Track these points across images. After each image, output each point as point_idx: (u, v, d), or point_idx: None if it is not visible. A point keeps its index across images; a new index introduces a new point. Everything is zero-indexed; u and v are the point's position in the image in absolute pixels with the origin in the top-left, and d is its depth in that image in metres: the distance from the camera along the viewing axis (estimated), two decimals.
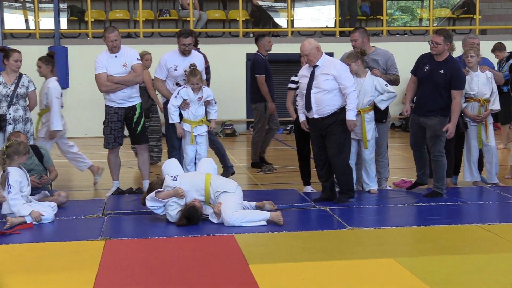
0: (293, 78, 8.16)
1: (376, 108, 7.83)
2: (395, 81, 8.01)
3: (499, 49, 11.10)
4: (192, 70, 7.70)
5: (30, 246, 5.84)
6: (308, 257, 5.41)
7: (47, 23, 16.04)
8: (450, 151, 8.18)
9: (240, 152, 12.74)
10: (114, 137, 8.01)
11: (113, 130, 7.99)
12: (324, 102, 7.22)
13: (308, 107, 7.31)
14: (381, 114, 7.86)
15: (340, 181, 7.40)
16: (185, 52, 8.05)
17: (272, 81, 10.04)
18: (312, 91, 7.25)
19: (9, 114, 7.97)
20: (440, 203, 7.32)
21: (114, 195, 8.00)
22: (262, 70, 9.69)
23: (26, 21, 16.88)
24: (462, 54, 8.55)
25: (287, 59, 15.23)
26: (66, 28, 16.33)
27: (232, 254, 5.50)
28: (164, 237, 6.06)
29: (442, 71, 7.41)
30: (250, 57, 15.63)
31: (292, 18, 17.01)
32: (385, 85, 7.75)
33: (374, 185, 7.93)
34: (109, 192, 8.08)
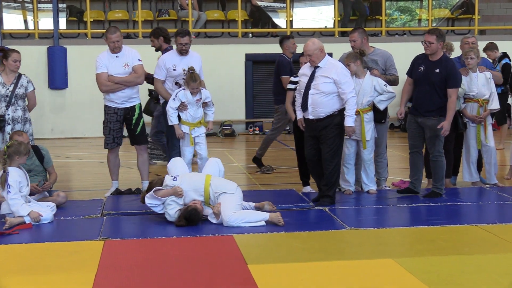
0: (292, 78, 8.17)
1: (375, 108, 7.84)
2: (394, 82, 8.02)
3: (490, 48, 11.08)
4: (192, 75, 7.67)
5: (29, 246, 5.84)
6: (307, 257, 5.41)
7: (46, 23, 16.03)
8: (449, 151, 8.18)
9: (239, 153, 12.74)
10: (113, 137, 8.01)
11: (112, 131, 7.99)
12: (321, 105, 7.20)
13: (305, 107, 7.31)
14: (380, 115, 7.86)
15: (328, 185, 7.31)
16: (183, 51, 8.07)
17: None
18: (310, 92, 7.24)
19: (8, 114, 7.96)
20: (439, 204, 7.32)
21: (113, 195, 7.99)
22: (287, 71, 9.55)
23: (25, 21, 16.86)
24: (460, 54, 8.56)
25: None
26: (65, 28, 16.31)
27: (231, 254, 5.50)
28: (163, 237, 6.06)
29: (438, 70, 7.40)
30: (249, 57, 15.75)
31: (291, 19, 16.99)
32: (384, 85, 7.76)
33: (373, 186, 7.93)
34: (108, 193, 8.07)
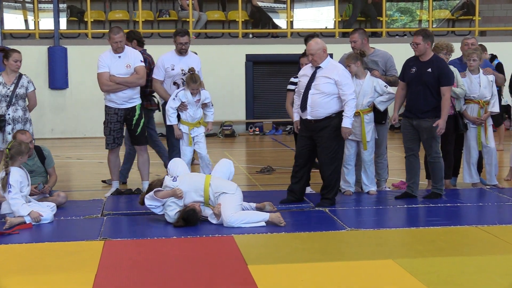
0: (292, 79, 8.16)
1: (375, 109, 7.84)
2: (394, 82, 8.01)
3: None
4: (192, 76, 7.68)
5: (29, 246, 5.84)
6: (307, 258, 5.40)
7: (46, 23, 16.04)
8: (449, 152, 8.18)
9: (239, 153, 12.74)
10: (113, 137, 8.01)
11: (112, 131, 7.99)
12: (320, 105, 7.18)
13: (303, 107, 7.27)
14: (380, 116, 7.86)
15: (328, 188, 7.29)
16: (182, 51, 8.08)
17: None
18: (310, 92, 7.22)
19: (8, 114, 7.96)
20: (439, 205, 7.32)
21: (113, 195, 7.99)
22: None
23: (26, 21, 16.88)
24: (461, 55, 8.56)
25: (286, 60, 15.26)
26: (65, 28, 16.33)
27: (231, 254, 5.50)
28: (163, 237, 6.06)
29: (430, 70, 7.37)
30: (250, 57, 15.75)
31: (292, 19, 17.01)
32: (385, 86, 7.76)
33: (373, 187, 7.93)
34: (108, 193, 8.07)
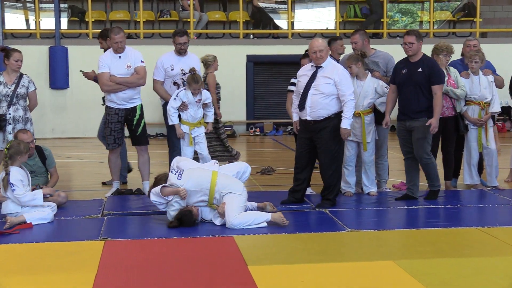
0: (293, 80, 8.15)
1: (376, 110, 7.84)
2: None
3: None
4: (193, 76, 7.68)
5: (30, 246, 5.84)
6: (307, 259, 5.40)
7: (47, 23, 16.06)
8: (450, 153, 8.19)
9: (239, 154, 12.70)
10: (114, 138, 8.01)
11: (113, 131, 7.99)
12: (320, 105, 7.16)
13: (302, 107, 7.24)
14: (381, 117, 7.86)
15: (329, 189, 7.29)
16: (181, 51, 8.09)
17: None
18: (309, 92, 7.20)
19: (9, 114, 7.96)
20: (440, 206, 7.32)
21: (113, 195, 7.99)
22: None
23: (27, 21, 16.89)
24: (463, 57, 8.56)
25: (287, 60, 15.26)
26: (66, 28, 16.35)
27: (232, 255, 5.50)
28: (163, 238, 6.06)
29: (420, 69, 7.36)
30: (250, 58, 15.76)
31: (293, 20, 17.02)
32: (386, 87, 7.76)
33: (373, 188, 7.93)
34: (108, 193, 8.07)
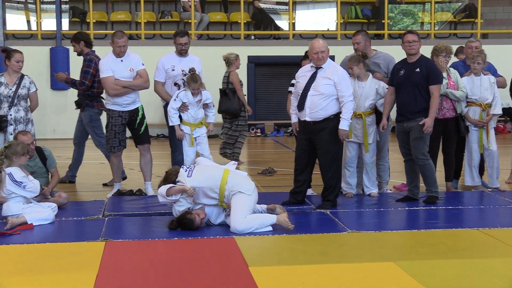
0: (293, 81, 8.15)
1: (377, 111, 7.83)
2: None
3: (462, 52, 10.99)
4: (193, 76, 7.69)
5: (31, 246, 5.84)
6: (308, 260, 5.40)
7: (49, 24, 16.05)
8: (451, 154, 8.18)
9: (240, 154, 12.69)
10: (119, 140, 8.00)
11: (117, 134, 7.98)
12: (319, 106, 7.15)
13: (301, 107, 7.22)
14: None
15: (329, 190, 7.29)
16: (182, 51, 8.12)
17: None
18: (309, 93, 7.18)
19: (10, 115, 7.97)
20: (441, 207, 7.32)
21: (114, 196, 7.99)
22: None
23: (28, 22, 16.88)
24: (465, 58, 8.56)
25: (288, 61, 15.25)
26: (67, 29, 16.34)
27: (233, 256, 5.50)
28: (164, 239, 6.06)
29: (418, 69, 7.35)
30: (252, 59, 15.76)
31: (294, 21, 17.02)
32: (387, 88, 7.75)
33: (374, 189, 7.93)
34: (109, 194, 8.07)
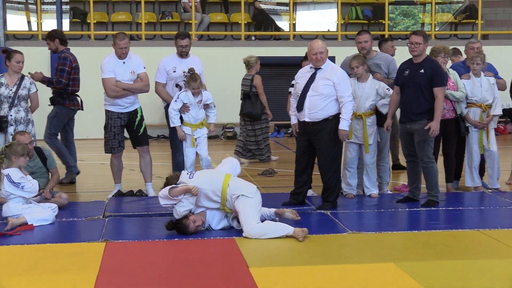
0: (294, 82, 8.15)
1: (378, 112, 7.83)
2: None
3: (454, 54, 10.98)
4: (192, 75, 7.71)
5: (31, 247, 5.84)
6: (308, 260, 5.40)
7: (49, 24, 16.04)
8: (451, 155, 8.18)
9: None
10: (118, 141, 8.01)
11: (117, 135, 7.99)
12: (318, 107, 7.14)
13: (300, 108, 7.22)
14: (382, 118, 7.85)
15: (329, 191, 7.28)
16: (183, 53, 8.13)
17: None
18: (308, 93, 7.18)
19: (11, 115, 7.97)
20: (441, 208, 7.31)
21: (115, 197, 7.99)
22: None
23: (29, 22, 16.89)
24: (465, 59, 8.56)
25: (288, 62, 15.25)
26: (68, 29, 16.33)
27: (233, 257, 5.50)
28: (164, 239, 6.06)
29: (422, 70, 7.30)
30: None
31: (294, 22, 17.02)
32: (387, 89, 7.76)
33: (375, 190, 7.92)
34: (110, 194, 8.07)
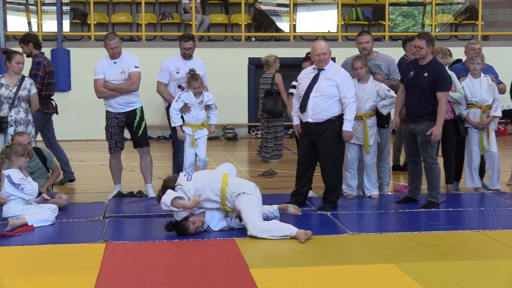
0: (294, 83, 8.16)
1: (378, 113, 7.83)
2: (397, 86, 7.97)
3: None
4: (193, 75, 7.73)
5: (31, 248, 5.84)
6: (308, 261, 5.40)
7: (49, 25, 16.06)
8: (451, 156, 8.18)
9: (241, 156, 12.74)
10: (115, 141, 8.01)
11: (114, 135, 7.98)
12: (322, 107, 7.15)
13: (303, 108, 7.23)
14: (383, 119, 7.85)
15: (330, 191, 7.29)
16: (186, 55, 8.14)
17: None
18: (311, 94, 7.19)
19: (11, 116, 7.97)
20: (441, 209, 7.31)
21: (115, 198, 7.99)
22: None
23: (29, 23, 16.88)
24: (465, 60, 8.55)
25: (288, 63, 15.25)
26: (68, 30, 16.34)
27: (233, 258, 5.50)
28: (165, 240, 6.06)
29: (426, 74, 7.26)
30: (252, 61, 15.74)
31: (295, 23, 17.02)
32: (387, 90, 7.75)
33: (375, 191, 7.92)
34: (110, 195, 8.07)
